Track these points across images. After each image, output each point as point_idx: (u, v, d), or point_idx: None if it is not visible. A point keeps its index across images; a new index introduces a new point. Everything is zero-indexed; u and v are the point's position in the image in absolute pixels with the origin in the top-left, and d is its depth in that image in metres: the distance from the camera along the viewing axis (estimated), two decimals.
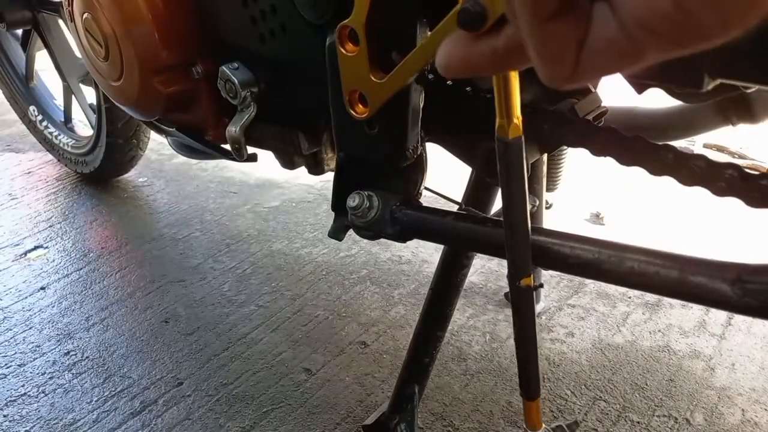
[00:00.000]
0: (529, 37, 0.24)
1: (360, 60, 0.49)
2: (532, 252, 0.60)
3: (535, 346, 0.66)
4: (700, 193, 0.55)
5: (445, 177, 1.07)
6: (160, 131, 0.94)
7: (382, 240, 0.74)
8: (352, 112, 0.55)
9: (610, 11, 0.22)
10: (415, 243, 1.46)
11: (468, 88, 0.62)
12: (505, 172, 0.56)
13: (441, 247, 0.91)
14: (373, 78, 0.49)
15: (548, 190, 1.05)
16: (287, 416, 1.04)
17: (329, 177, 0.78)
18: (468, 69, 0.32)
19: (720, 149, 1.83)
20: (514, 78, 0.51)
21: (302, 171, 0.87)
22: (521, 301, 0.64)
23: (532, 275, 0.61)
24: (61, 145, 1.73)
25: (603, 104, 0.68)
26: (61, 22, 1.55)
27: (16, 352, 1.17)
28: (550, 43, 0.23)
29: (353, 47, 0.50)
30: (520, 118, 0.53)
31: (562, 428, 0.81)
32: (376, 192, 0.68)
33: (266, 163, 0.93)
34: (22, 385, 1.10)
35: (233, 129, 0.75)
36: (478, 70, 0.32)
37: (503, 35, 0.30)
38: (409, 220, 0.68)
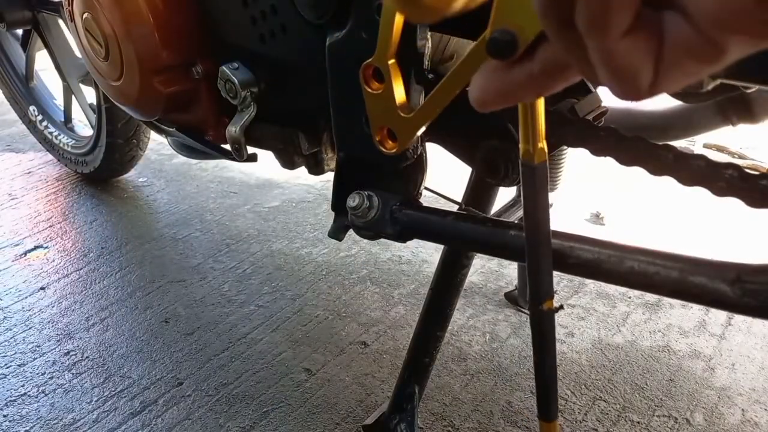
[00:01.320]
0: (602, 56, 0.23)
1: (386, 97, 0.49)
2: None
3: (555, 369, 0.66)
4: (700, 193, 0.55)
5: (445, 177, 1.07)
6: (160, 131, 0.94)
7: (382, 240, 0.74)
8: (382, 148, 0.55)
9: (682, 17, 0.21)
10: (415, 243, 1.47)
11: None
12: (530, 196, 0.55)
13: (441, 247, 0.91)
14: (401, 114, 0.48)
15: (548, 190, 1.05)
16: (287, 416, 1.04)
17: (329, 177, 0.78)
18: (505, 99, 0.31)
19: (720, 149, 1.83)
20: (540, 103, 0.51)
21: (302, 171, 0.87)
22: (543, 325, 0.63)
23: (554, 298, 0.61)
24: (61, 145, 1.73)
25: (603, 104, 0.68)
26: (61, 22, 1.55)
27: (16, 352, 1.17)
28: (627, 60, 0.22)
29: (378, 85, 0.49)
30: (546, 142, 0.53)
31: None
32: (376, 192, 0.68)
33: (266, 163, 0.93)
34: (22, 385, 1.10)
35: (233, 129, 0.75)
36: (517, 99, 0.31)
37: (539, 58, 0.29)
38: (409, 220, 0.68)
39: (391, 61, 0.49)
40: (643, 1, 0.22)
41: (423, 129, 0.48)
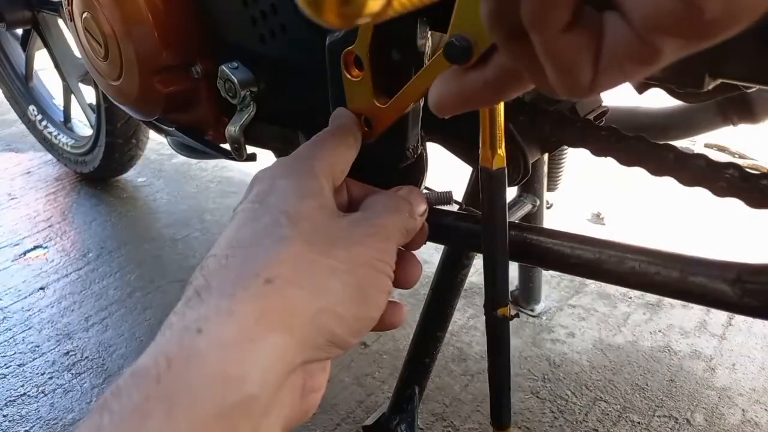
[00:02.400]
0: (546, 51, 0.24)
1: (364, 85, 0.50)
2: (532, 252, 0.59)
3: (509, 376, 0.66)
4: (701, 193, 0.55)
5: (445, 177, 1.07)
6: (159, 131, 0.93)
7: None
8: None
9: (620, 18, 0.22)
10: None
11: None
12: (487, 201, 0.56)
13: (441, 247, 0.90)
14: (376, 103, 0.49)
15: (549, 189, 1.05)
16: None
17: None
18: (461, 104, 0.32)
19: (721, 149, 1.82)
20: (500, 108, 0.52)
21: None
22: (498, 331, 0.63)
23: (509, 305, 0.62)
24: (61, 144, 1.73)
25: (603, 104, 0.68)
26: (60, 21, 1.55)
27: (15, 353, 1.17)
28: (567, 55, 0.23)
29: (358, 72, 0.50)
30: (504, 148, 0.54)
31: None
32: None
33: (266, 163, 0.93)
34: (22, 385, 1.10)
35: (233, 128, 0.75)
36: (471, 104, 0.32)
37: (493, 65, 0.30)
38: None
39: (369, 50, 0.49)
40: (586, 0, 0.23)
41: (394, 120, 0.49)
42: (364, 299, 0.38)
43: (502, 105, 0.52)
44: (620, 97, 0.79)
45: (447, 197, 0.48)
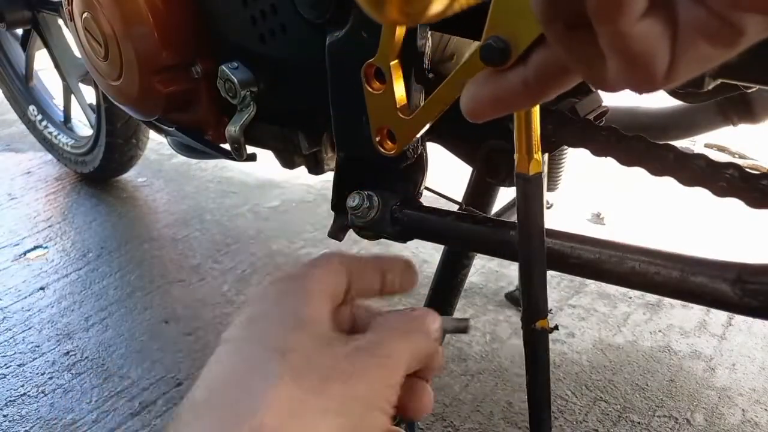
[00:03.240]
0: (617, 42, 0.22)
1: (387, 97, 0.49)
2: None
3: (549, 389, 0.63)
4: (701, 193, 0.55)
5: (445, 177, 1.07)
6: (159, 131, 0.93)
7: (382, 240, 0.74)
8: (380, 148, 0.54)
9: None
10: (415, 243, 1.46)
11: None
12: (523, 208, 0.54)
13: (441, 247, 0.90)
14: (400, 115, 0.48)
15: (549, 190, 1.05)
16: None
17: (329, 177, 0.78)
18: (498, 108, 0.30)
19: (721, 149, 1.82)
20: (535, 112, 0.51)
21: (302, 171, 0.86)
22: (536, 345, 0.61)
23: (548, 317, 0.59)
24: (61, 144, 1.72)
25: (604, 104, 0.68)
26: (60, 21, 1.55)
27: (15, 353, 1.17)
28: (642, 45, 0.21)
29: (380, 85, 0.49)
30: (541, 153, 0.52)
31: None
32: (376, 192, 0.68)
33: (266, 163, 0.93)
34: (22, 385, 1.10)
35: (233, 128, 0.75)
36: (510, 107, 0.30)
37: (533, 64, 0.28)
38: (409, 220, 0.68)
39: (393, 62, 0.48)
40: None
41: (421, 132, 0.48)
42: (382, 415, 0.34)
43: (537, 109, 0.50)
44: (620, 97, 0.79)
45: (464, 326, 0.42)
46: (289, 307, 0.35)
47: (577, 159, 1.09)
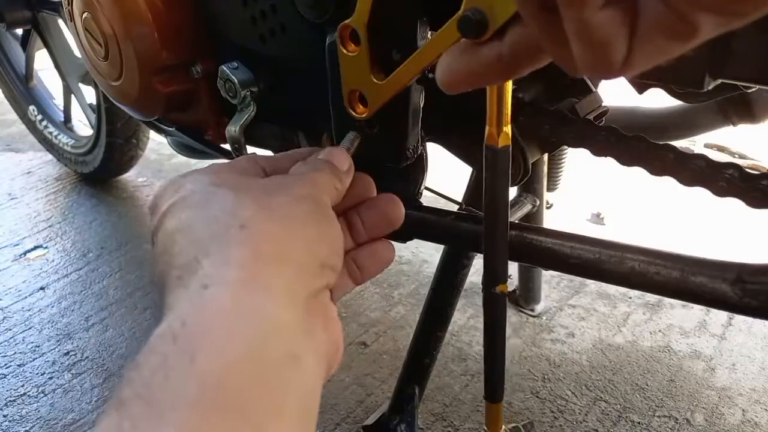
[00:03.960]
0: (579, 28, 0.23)
1: (361, 60, 0.49)
2: (533, 252, 0.59)
3: (503, 352, 0.67)
4: (701, 193, 0.55)
5: (445, 177, 1.07)
6: (159, 131, 0.93)
7: None
8: (352, 111, 0.55)
9: None
10: (415, 243, 1.46)
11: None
12: (490, 179, 0.56)
13: (441, 247, 0.90)
14: (373, 79, 0.48)
15: (549, 190, 1.05)
16: None
17: None
18: (472, 80, 0.31)
19: (721, 149, 1.83)
20: (508, 86, 0.52)
21: None
22: (495, 308, 0.64)
23: (507, 282, 0.62)
24: (61, 144, 1.73)
25: (604, 104, 0.68)
26: (60, 21, 1.55)
27: (15, 352, 1.17)
28: (602, 32, 0.22)
29: (354, 47, 0.49)
30: (510, 126, 0.54)
31: (518, 429, 0.82)
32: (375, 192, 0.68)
33: None
34: (22, 385, 1.10)
35: (233, 128, 0.75)
36: (484, 80, 0.31)
37: (508, 39, 0.29)
38: (409, 220, 0.68)
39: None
40: None
41: (391, 96, 0.48)
42: (322, 214, 0.39)
43: (509, 83, 0.51)
44: (620, 97, 0.79)
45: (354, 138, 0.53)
46: (222, 168, 0.42)
47: (577, 159, 1.09)
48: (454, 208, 0.77)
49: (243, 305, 0.31)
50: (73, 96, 1.68)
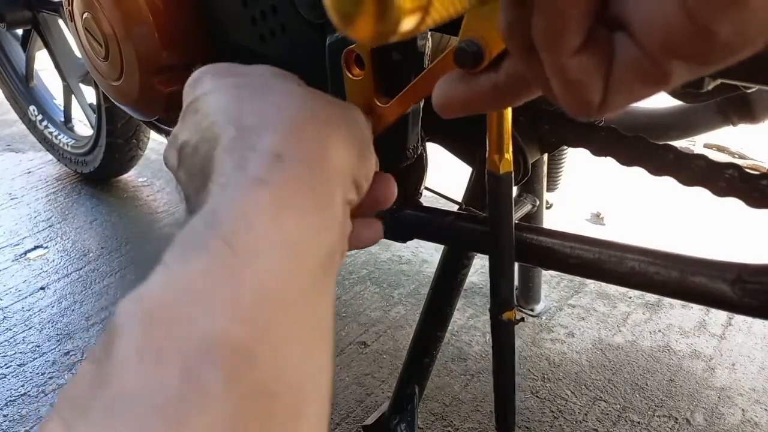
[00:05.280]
0: (556, 72, 0.23)
1: (365, 84, 0.50)
2: (533, 252, 0.60)
3: (513, 380, 0.66)
4: (701, 193, 0.55)
5: (445, 177, 1.07)
6: (160, 131, 0.93)
7: (382, 240, 0.74)
8: None
9: (631, 40, 0.22)
10: (415, 243, 1.46)
11: None
12: (493, 204, 0.57)
13: (441, 247, 0.90)
14: (377, 102, 0.49)
15: (548, 190, 1.05)
16: None
17: None
18: (468, 107, 0.32)
19: (720, 149, 1.83)
20: (507, 113, 0.52)
21: None
22: (503, 335, 0.64)
23: (515, 308, 0.62)
24: (61, 144, 1.73)
25: None
26: (61, 21, 1.55)
27: (15, 352, 1.17)
28: (576, 76, 0.23)
29: (359, 71, 0.50)
30: (512, 152, 0.55)
31: None
32: None
33: None
34: (22, 385, 1.10)
35: None
36: (479, 108, 0.32)
37: (503, 70, 0.30)
38: (409, 220, 0.68)
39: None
40: (598, 20, 0.22)
41: (394, 120, 0.49)
42: (354, 120, 0.38)
43: (509, 109, 0.52)
44: None
45: None
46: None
47: (577, 159, 1.09)
48: (454, 208, 0.78)
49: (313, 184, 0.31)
50: (73, 96, 1.68)
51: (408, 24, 0.22)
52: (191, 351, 0.24)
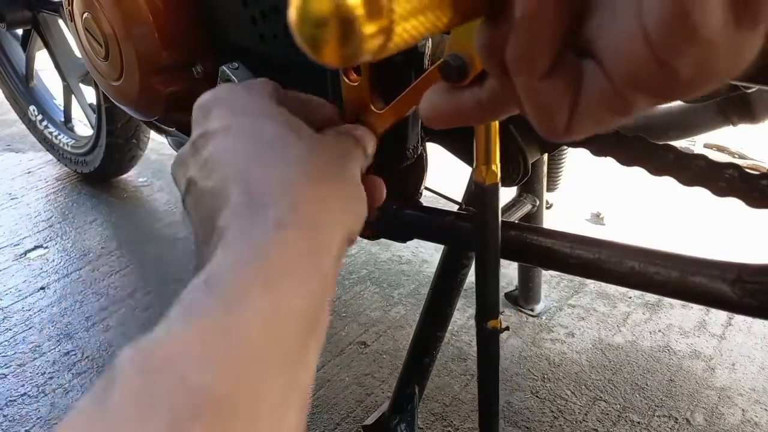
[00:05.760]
0: (525, 94, 0.25)
1: (361, 90, 0.50)
2: (533, 252, 0.60)
3: (497, 390, 0.66)
4: (700, 193, 0.55)
5: (445, 177, 1.07)
6: (160, 131, 0.93)
7: (382, 240, 0.74)
8: None
9: (599, 68, 0.23)
10: (415, 243, 1.46)
11: None
12: (480, 214, 0.57)
13: (441, 247, 0.90)
14: (372, 108, 0.50)
15: (548, 190, 1.05)
16: None
17: None
18: (454, 119, 0.33)
19: (720, 149, 1.83)
20: (495, 126, 0.53)
21: None
22: (488, 343, 0.64)
23: (500, 317, 0.62)
24: (61, 144, 1.73)
25: None
26: (61, 21, 1.55)
27: (16, 352, 1.17)
28: (544, 99, 0.24)
29: (356, 77, 0.51)
30: (498, 165, 0.55)
31: None
32: None
33: None
34: (22, 385, 1.10)
35: None
36: (464, 121, 0.33)
37: (487, 86, 0.31)
38: (409, 220, 0.68)
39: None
40: (567, 46, 0.23)
41: (388, 125, 0.49)
42: (355, 185, 0.41)
43: (497, 122, 0.53)
44: None
45: None
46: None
47: (577, 159, 1.09)
48: (454, 208, 0.78)
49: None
50: (73, 96, 1.68)
51: (371, 46, 0.23)
52: (180, 401, 0.26)
